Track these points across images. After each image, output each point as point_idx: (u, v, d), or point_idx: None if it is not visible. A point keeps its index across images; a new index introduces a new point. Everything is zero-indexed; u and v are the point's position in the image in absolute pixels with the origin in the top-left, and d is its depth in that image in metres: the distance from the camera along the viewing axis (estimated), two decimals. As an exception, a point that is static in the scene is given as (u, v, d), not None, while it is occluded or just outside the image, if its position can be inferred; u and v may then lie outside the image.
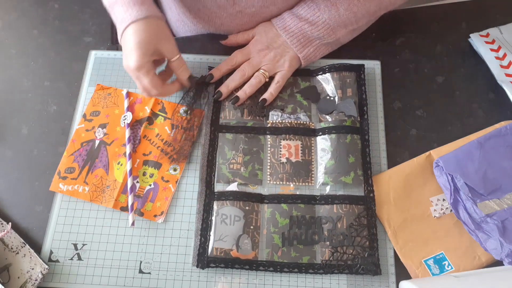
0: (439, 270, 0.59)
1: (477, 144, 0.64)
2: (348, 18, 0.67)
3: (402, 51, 0.75)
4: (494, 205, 0.60)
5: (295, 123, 0.68)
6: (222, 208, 0.62)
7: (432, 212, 0.62)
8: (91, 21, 0.80)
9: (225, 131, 0.68)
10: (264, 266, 0.59)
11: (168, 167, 0.66)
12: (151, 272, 0.60)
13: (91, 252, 0.61)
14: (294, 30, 0.68)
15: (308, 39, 0.68)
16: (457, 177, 0.61)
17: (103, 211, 0.64)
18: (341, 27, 0.68)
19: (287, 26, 0.68)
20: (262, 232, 0.61)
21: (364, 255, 0.59)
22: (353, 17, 0.67)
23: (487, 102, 0.71)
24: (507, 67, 0.70)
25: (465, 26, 0.77)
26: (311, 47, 0.69)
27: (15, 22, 0.80)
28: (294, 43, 0.68)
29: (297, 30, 0.68)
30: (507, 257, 0.56)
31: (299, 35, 0.68)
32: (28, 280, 0.59)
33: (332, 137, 0.66)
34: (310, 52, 0.69)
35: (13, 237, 0.61)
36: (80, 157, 0.67)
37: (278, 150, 0.66)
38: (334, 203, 0.62)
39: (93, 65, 0.74)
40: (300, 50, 0.68)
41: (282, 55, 0.69)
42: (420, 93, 0.72)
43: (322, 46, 0.70)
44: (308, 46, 0.69)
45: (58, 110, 0.71)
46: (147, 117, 0.69)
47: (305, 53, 0.69)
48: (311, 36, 0.68)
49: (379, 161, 0.66)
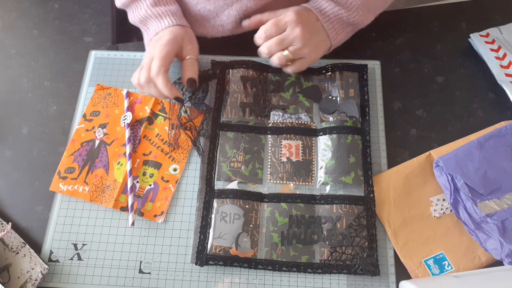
0: (439, 270, 0.59)
1: (477, 144, 0.64)
2: (378, 2, 0.67)
3: (402, 51, 0.75)
4: (494, 205, 0.60)
5: (296, 123, 0.68)
6: (222, 206, 0.62)
7: (432, 212, 0.62)
8: (91, 21, 0.80)
9: (226, 130, 0.68)
10: (263, 265, 0.60)
11: (168, 167, 0.66)
12: (151, 272, 0.60)
13: (91, 252, 0.61)
14: (330, 15, 0.65)
15: (342, 25, 0.66)
16: (457, 177, 0.61)
17: (103, 211, 0.64)
18: (371, 12, 0.67)
19: (323, 9, 0.65)
20: (262, 231, 0.62)
21: (363, 255, 0.59)
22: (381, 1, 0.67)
23: (487, 102, 0.71)
24: (507, 67, 0.70)
25: (465, 26, 0.77)
26: (342, 34, 0.67)
27: (15, 22, 0.80)
28: (330, 29, 0.65)
29: (333, 15, 0.65)
30: (507, 257, 0.56)
31: (334, 21, 0.65)
32: (28, 280, 0.59)
33: (333, 137, 0.66)
34: (341, 38, 0.68)
35: (13, 237, 0.61)
36: (80, 157, 0.67)
37: (279, 150, 0.66)
38: (334, 203, 0.62)
39: (93, 65, 0.74)
40: (334, 37, 0.66)
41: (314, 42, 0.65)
42: (420, 93, 0.72)
43: (350, 32, 0.68)
44: (341, 33, 0.67)
45: (58, 110, 0.71)
46: (147, 117, 0.69)
47: (337, 41, 0.67)
48: (347, 21, 0.66)
49: (379, 161, 0.66)
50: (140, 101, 0.71)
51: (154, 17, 0.67)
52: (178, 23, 0.66)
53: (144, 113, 0.70)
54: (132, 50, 0.75)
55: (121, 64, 0.74)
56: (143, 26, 0.70)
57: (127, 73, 0.73)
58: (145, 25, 0.69)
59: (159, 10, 0.67)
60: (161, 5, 0.68)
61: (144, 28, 0.70)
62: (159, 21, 0.67)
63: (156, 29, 0.67)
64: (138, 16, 0.68)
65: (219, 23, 0.70)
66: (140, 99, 0.71)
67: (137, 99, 0.71)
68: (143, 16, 0.68)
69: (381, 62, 0.73)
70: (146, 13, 0.67)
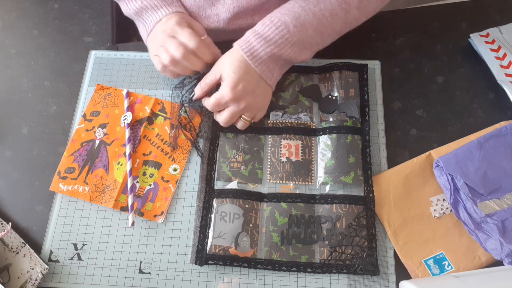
0: (439, 270, 0.59)
1: (477, 144, 0.64)
2: (314, 39, 0.63)
3: (402, 51, 0.75)
4: (494, 205, 0.60)
5: (295, 123, 0.68)
6: (222, 205, 0.62)
7: (432, 212, 0.62)
8: (91, 21, 0.80)
9: (226, 130, 0.68)
10: (263, 264, 0.60)
11: (168, 167, 0.66)
12: (151, 272, 0.60)
13: (91, 252, 0.62)
14: (262, 56, 0.61)
15: (275, 61, 0.63)
16: (457, 177, 0.61)
17: (103, 211, 0.64)
18: (307, 48, 0.63)
19: (254, 51, 0.61)
20: (261, 231, 0.62)
21: (363, 255, 0.59)
22: (319, 38, 0.63)
23: (487, 102, 0.71)
24: (507, 67, 0.70)
25: (465, 26, 0.77)
26: (277, 71, 0.64)
27: (15, 22, 0.80)
28: (263, 71, 0.62)
29: (265, 54, 0.61)
30: (507, 257, 0.56)
31: (266, 60, 0.62)
32: (28, 280, 0.59)
33: (333, 137, 0.66)
34: (277, 75, 0.65)
35: (13, 237, 0.61)
36: (80, 157, 0.67)
37: (279, 150, 0.66)
38: (334, 202, 0.62)
39: (93, 65, 0.74)
40: (269, 77, 0.64)
41: (262, 100, 0.65)
42: (420, 93, 0.72)
43: (285, 66, 0.66)
44: (275, 70, 0.64)
45: (58, 110, 0.71)
46: (147, 117, 0.69)
47: (273, 80, 0.65)
48: (280, 57, 0.63)
49: (379, 161, 0.66)
50: (140, 101, 0.71)
51: (150, 8, 0.67)
52: (175, 10, 0.66)
53: (144, 113, 0.70)
54: (132, 50, 0.75)
55: (121, 64, 0.74)
56: (138, 18, 0.69)
57: (127, 73, 0.73)
58: (141, 17, 0.68)
59: (155, 1, 0.66)
60: None
61: (139, 20, 0.69)
62: (155, 11, 0.66)
63: (153, 19, 0.66)
64: (133, 8, 0.68)
65: (214, 12, 0.70)
66: (140, 99, 0.71)
67: (137, 99, 0.71)
68: (138, 7, 0.67)
69: (381, 62, 0.73)
70: (142, 4, 0.67)
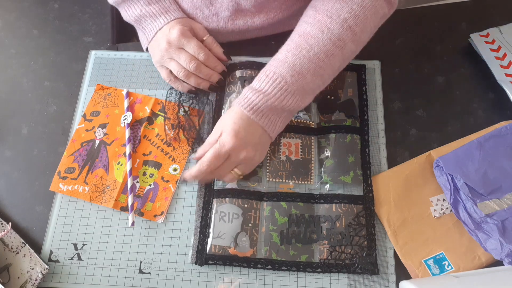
0: (439, 270, 0.59)
1: (477, 144, 0.64)
2: (315, 83, 0.61)
3: (402, 51, 0.75)
4: (494, 205, 0.60)
5: (295, 122, 0.68)
6: (221, 205, 0.62)
7: (432, 212, 0.62)
8: (91, 21, 0.80)
9: None
10: (262, 264, 0.60)
11: (168, 167, 0.66)
12: (151, 272, 0.60)
13: (91, 252, 0.61)
14: (263, 109, 0.59)
15: (277, 112, 0.61)
16: (457, 177, 0.61)
17: (103, 211, 0.64)
18: (309, 94, 0.61)
19: (254, 105, 0.59)
20: (261, 230, 0.62)
21: (362, 254, 0.59)
22: (320, 81, 0.61)
23: (487, 102, 0.71)
24: (507, 67, 0.70)
25: (465, 26, 0.77)
26: (280, 122, 0.62)
27: (15, 22, 0.80)
28: (266, 124, 0.61)
29: (265, 108, 0.59)
30: (507, 257, 0.56)
31: (267, 113, 0.60)
32: (28, 280, 0.59)
33: (332, 136, 0.66)
34: (280, 127, 0.63)
35: (13, 237, 0.61)
36: (80, 157, 0.67)
37: (278, 148, 0.66)
38: (333, 202, 0.62)
39: (93, 65, 0.74)
40: (272, 129, 0.62)
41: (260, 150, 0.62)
42: (420, 93, 0.72)
43: (288, 117, 0.64)
44: (278, 122, 0.62)
45: (58, 110, 0.71)
46: (147, 117, 0.69)
47: (276, 131, 0.63)
48: (282, 109, 0.60)
49: (379, 161, 0.66)
50: (140, 101, 0.71)
51: (148, 16, 0.68)
52: (174, 17, 0.67)
53: (144, 113, 0.70)
54: (132, 50, 0.75)
55: (121, 64, 0.74)
56: (138, 26, 0.70)
57: (127, 73, 0.73)
58: (140, 25, 0.69)
59: (153, 9, 0.67)
60: (153, 4, 0.68)
61: (139, 27, 0.70)
62: (154, 20, 0.67)
63: (153, 28, 0.67)
64: (132, 16, 0.68)
65: (213, 12, 0.69)
66: (140, 99, 0.71)
67: (137, 99, 0.71)
68: (137, 15, 0.68)
69: (381, 62, 0.73)
70: (141, 12, 0.68)
